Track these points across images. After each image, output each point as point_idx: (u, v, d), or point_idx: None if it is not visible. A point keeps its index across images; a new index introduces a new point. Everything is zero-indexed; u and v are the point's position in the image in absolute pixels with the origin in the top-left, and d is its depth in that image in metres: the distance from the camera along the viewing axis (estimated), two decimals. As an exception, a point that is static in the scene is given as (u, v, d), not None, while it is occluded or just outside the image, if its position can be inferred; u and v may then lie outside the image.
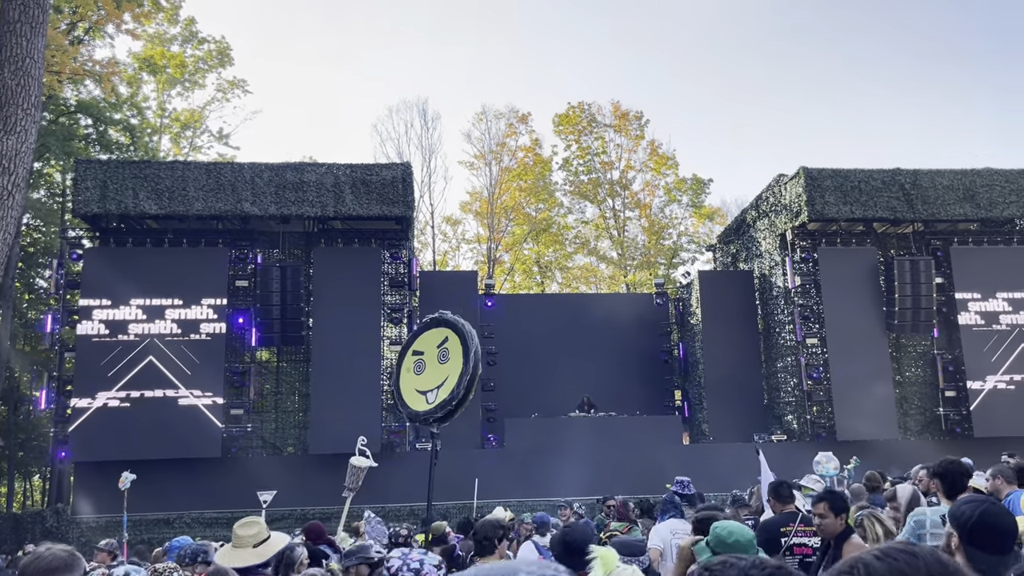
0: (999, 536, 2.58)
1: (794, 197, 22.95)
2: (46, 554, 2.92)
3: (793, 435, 22.59)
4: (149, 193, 20.56)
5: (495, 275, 35.43)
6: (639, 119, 38.39)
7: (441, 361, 2.80)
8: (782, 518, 5.53)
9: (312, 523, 6.57)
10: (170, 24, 32.96)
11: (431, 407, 2.68)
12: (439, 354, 2.81)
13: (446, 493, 19.44)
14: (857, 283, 22.65)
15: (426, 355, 2.79)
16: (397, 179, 21.60)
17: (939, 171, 22.90)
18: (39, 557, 2.91)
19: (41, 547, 3.02)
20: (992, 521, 2.61)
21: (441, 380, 2.73)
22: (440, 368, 2.75)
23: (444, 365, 2.78)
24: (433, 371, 2.77)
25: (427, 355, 2.78)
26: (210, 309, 20.60)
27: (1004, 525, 2.62)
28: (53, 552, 2.93)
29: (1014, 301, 22.54)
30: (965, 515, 2.64)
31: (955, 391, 22.57)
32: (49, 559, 2.88)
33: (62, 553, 2.93)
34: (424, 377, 2.78)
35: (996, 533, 2.59)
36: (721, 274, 27.41)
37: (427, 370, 2.78)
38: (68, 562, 2.89)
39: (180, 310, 20.48)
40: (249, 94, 36.15)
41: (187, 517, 18.56)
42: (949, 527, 2.72)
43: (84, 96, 29.59)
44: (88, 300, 20.24)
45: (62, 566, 2.87)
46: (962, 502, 2.78)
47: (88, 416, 19.60)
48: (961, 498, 3.10)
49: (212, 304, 20.63)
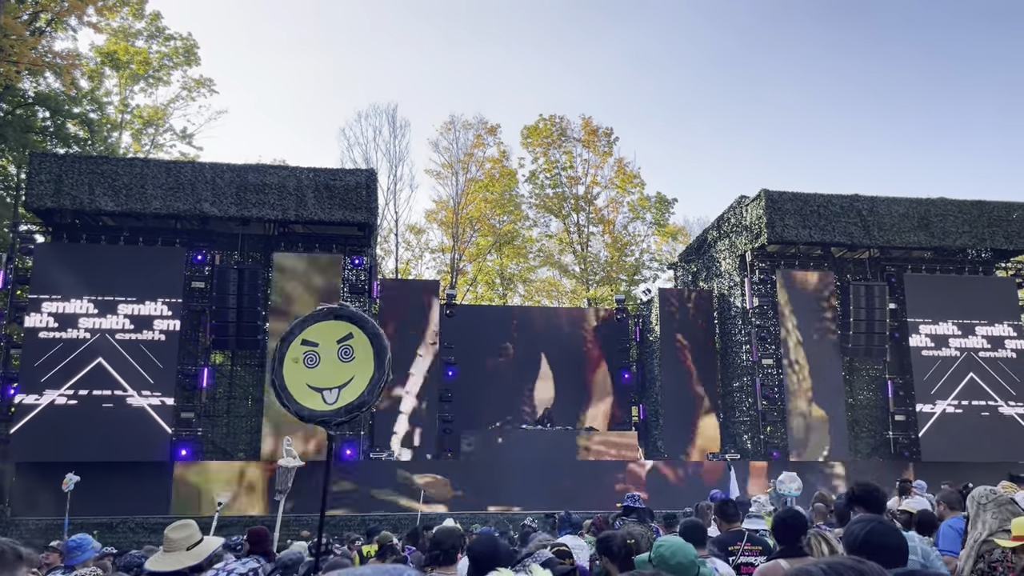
0: (886, 554, 2.62)
1: (755, 219, 23.26)
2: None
3: (747, 454, 22.79)
4: (106, 189, 20.14)
5: (458, 286, 35.33)
6: (608, 135, 38.65)
7: (343, 359, 2.61)
8: (729, 537, 5.53)
9: (257, 528, 6.42)
10: (135, 18, 32.45)
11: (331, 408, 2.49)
12: (340, 350, 2.61)
13: (395, 503, 19.29)
14: (813, 306, 23.02)
15: (321, 348, 2.58)
16: (361, 185, 21.44)
17: (895, 199, 23.40)
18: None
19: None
20: (879, 540, 2.69)
21: (344, 380, 2.55)
22: (342, 366, 2.55)
23: (347, 364, 2.58)
24: (332, 368, 2.57)
25: (323, 348, 2.57)
26: (164, 309, 20.20)
27: (891, 543, 2.70)
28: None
29: (964, 328, 23.03)
30: (853, 533, 2.73)
31: (904, 415, 22.98)
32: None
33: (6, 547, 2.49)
34: (318, 373, 2.57)
35: (884, 551, 2.64)
36: (681, 292, 27.65)
37: (323, 365, 2.58)
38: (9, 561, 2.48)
39: (133, 309, 20.03)
40: (215, 94, 35.69)
41: (131, 522, 18.10)
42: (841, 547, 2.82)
43: (43, 88, 28.97)
44: (37, 296, 19.71)
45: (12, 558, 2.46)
46: (854, 522, 2.87)
47: (32, 415, 19.04)
48: (854, 518, 3.17)
49: (166, 305, 20.23)
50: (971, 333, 23.02)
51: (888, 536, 2.70)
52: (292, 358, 2.66)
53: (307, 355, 2.64)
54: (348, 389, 2.59)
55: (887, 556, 2.64)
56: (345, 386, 2.59)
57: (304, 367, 2.64)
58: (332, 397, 2.59)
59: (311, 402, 2.61)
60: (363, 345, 2.67)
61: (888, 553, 2.64)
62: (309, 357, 2.65)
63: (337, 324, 2.70)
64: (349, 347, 2.64)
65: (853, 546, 2.68)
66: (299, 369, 2.64)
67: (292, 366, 2.64)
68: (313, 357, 2.64)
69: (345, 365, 2.64)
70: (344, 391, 2.59)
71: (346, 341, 2.66)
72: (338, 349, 2.66)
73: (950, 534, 5.52)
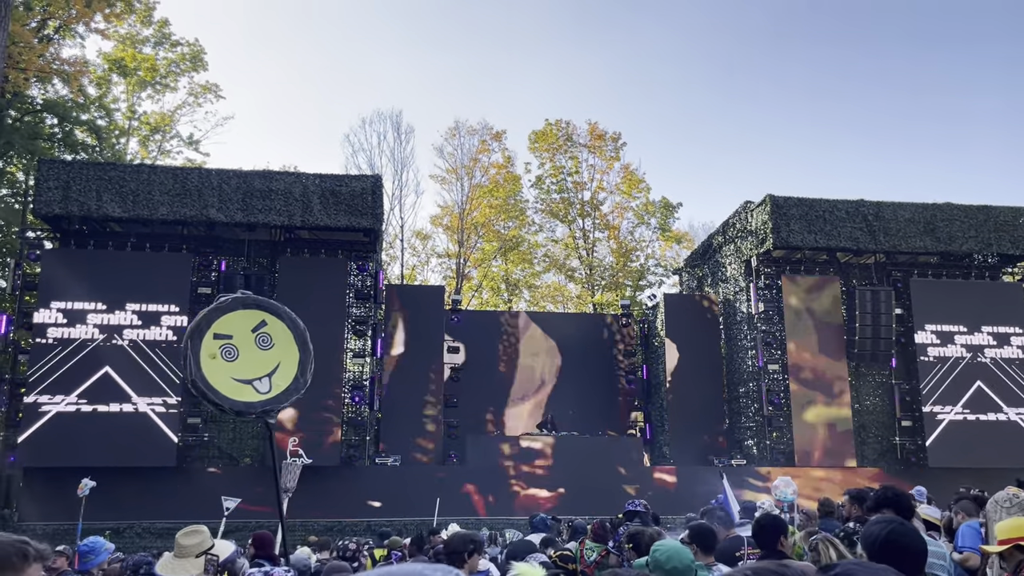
0: (906, 557, 2.60)
1: (760, 224, 23.26)
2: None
3: (753, 460, 22.74)
4: (113, 196, 20.24)
5: (463, 291, 35.36)
6: (616, 140, 38.62)
7: (262, 347, 2.55)
8: (731, 543, 5.54)
9: (261, 532, 6.45)
10: (143, 25, 32.61)
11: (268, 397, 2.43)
12: (257, 339, 2.56)
13: (404, 509, 19.29)
14: (819, 311, 22.98)
15: (236, 339, 2.51)
16: (367, 191, 21.51)
17: (901, 204, 23.36)
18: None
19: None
20: (899, 541, 2.63)
21: (271, 367, 2.50)
22: (264, 354, 2.50)
23: (269, 351, 2.53)
24: (253, 357, 2.51)
25: (238, 340, 2.50)
26: (171, 316, 20.28)
27: (911, 546, 2.64)
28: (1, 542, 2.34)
29: (971, 334, 22.96)
30: (873, 535, 2.67)
31: (911, 421, 22.90)
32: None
33: (12, 547, 2.35)
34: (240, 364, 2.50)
35: (903, 553, 2.61)
36: (686, 298, 27.63)
37: (243, 356, 2.50)
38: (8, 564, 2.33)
39: (140, 316, 20.12)
40: (222, 99, 35.82)
41: (138, 527, 18.15)
42: (859, 548, 2.75)
43: (51, 95, 29.12)
44: (45, 302, 19.81)
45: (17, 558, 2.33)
46: (872, 523, 2.81)
47: (40, 420, 19.12)
48: (872, 519, 3.13)
49: (173, 311, 20.31)
50: (978, 338, 22.95)
51: (908, 537, 2.66)
52: (209, 355, 2.59)
53: (223, 349, 2.58)
54: (278, 375, 2.55)
55: (905, 559, 2.63)
56: (274, 373, 2.56)
57: (224, 361, 2.58)
58: (264, 386, 2.55)
59: (243, 395, 2.56)
60: (280, 330, 2.64)
61: (908, 555, 2.62)
62: (226, 351, 2.59)
63: (246, 313, 2.65)
64: (266, 335, 2.60)
65: (873, 547, 2.64)
66: (219, 364, 2.58)
67: (211, 363, 2.58)
68: (230, 350, 2.59)
69: (266, 353, 2.60)
70: (275, 378, 2.55)
71: (261, 329, 2.62)
72: (255, 338, 2.61)
73: (969, 533, 5.60)
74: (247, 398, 2.49)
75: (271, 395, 2.49)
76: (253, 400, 2.49)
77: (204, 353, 2.54)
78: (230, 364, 2.52)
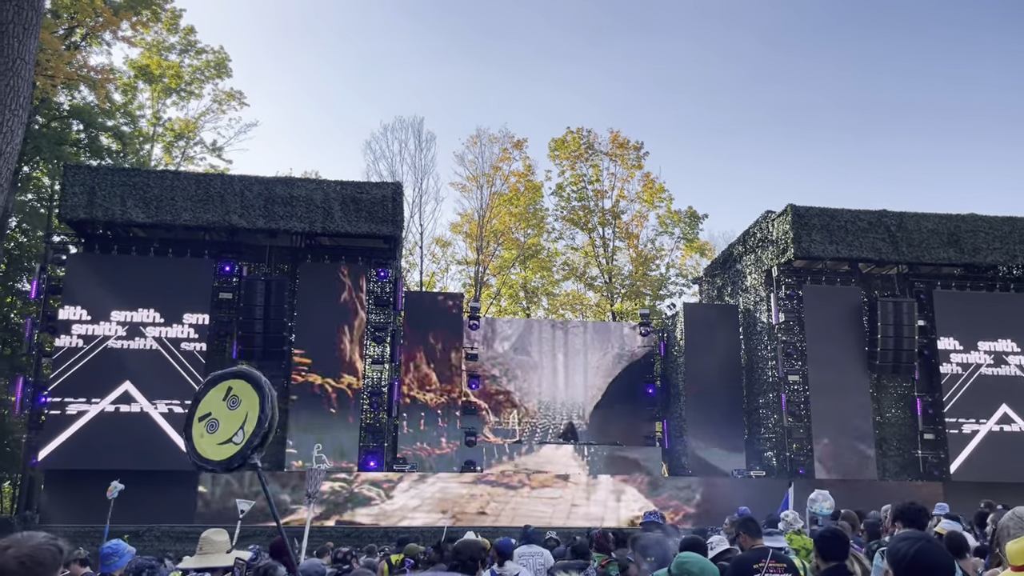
0: (935, 574, 2.55)
1: (781, 234, 23.11)
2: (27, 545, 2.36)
3: (772, 471, 22.55)
4: (137, 201, 20.46)
5: (481, 299, 35.37)
6: (638, 149, 38.51)
7: (232, 408, 2.83)
8: (753, 554, 5.48)
9: (278, 539, 6.48)
10: (169, 33, 32.98)
11: (243, 444, 2.71)
12: (228, 404, 2.85)
13: (422, 516, 19.28)
14: (840, 322, 22.77)
15: (214, 413, 2.85)
16: (387, 198, 21.61)
17: (924, 215, 23.15)
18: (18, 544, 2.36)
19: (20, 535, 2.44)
20: (928, 559, 2.58)
21: (242, 420, 2.78)
22: (234, 413, 2.79)
23: (238, 409, 2.81)
24: (228, 419, 2.81)
25: (216, 413, 2.84)
26: (192, 320, 20.44)
27: (939, 563, 2.59)
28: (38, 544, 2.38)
29: (994, 347, 22.68)
30: (900, 552, 2.61)
31: (934, 434, 22.63)
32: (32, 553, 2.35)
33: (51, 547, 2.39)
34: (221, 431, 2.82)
35: (931, 571, 2.57)
36: (706, 307, 27.48)
37: (222, 424, 2.82)
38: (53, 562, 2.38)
39: (162, 320, 20.30)
40: (246, 106, 36.17)
41: (157, 531, 18.26)
42: (886, 565, 2.68)
43: (78, 101, 29.51)
44: (69, 306, 20.03)
45: (52, 563, 2.38)
46: (898, 539, 2.74)
47: (62, 423, 19.32)
48: (899, 535, 3.07)
49: (194, 315, 20.47)
50: (1002, 350, 22.67)
51: (936, 555, 2.62)
52: (198, 435, 2.89)
53: (208, 426, 2.87)
54: (247, 423, 2.79)
55: (936, 575, 2.60)
56: (245, 423, 2.80)
57: (209, 435, 2.86)
58: (239, 437, 2.79)
59: (227, 453, 2.82)
60: (242, 387, 2.88)
61: (933, 573, 2.59)
62: (209, 426, 2.87)
63: (217, 389, 2.93)
64: (235, 397, 2.87)
65: (900, 564, 2.59)
66: (206, 439, 2.87)
67: (199, 440, 2.88)
68: (212, 424, 2.87)
69: (236, 411, 2.85)
70: (246, 426, 2.79)
71: (229, 395, 2.88)
72: (226, 404, 2.88)
73: None
74: (230, 453, 2.75)
75: (245, 441, 2.74)
76: (234, 453, 2.75)
77: (195, 436, 2.84)
78: (214, 435, 2.81)
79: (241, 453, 2.72)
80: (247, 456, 2.72)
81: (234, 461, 2.73)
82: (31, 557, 2.36)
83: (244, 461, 2.74)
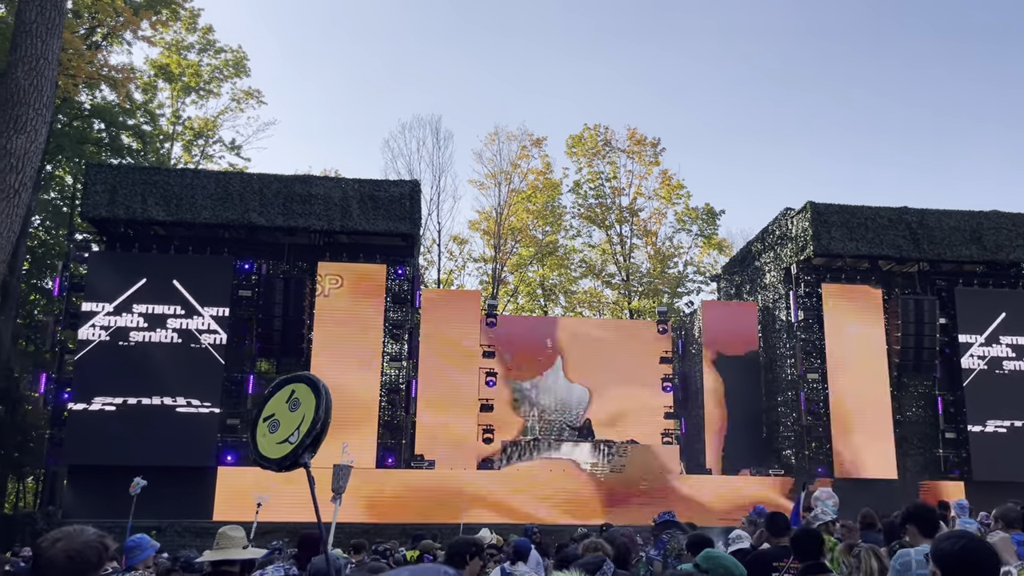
0: (979, 572, 2.54)
1: (800, 231, 22.96)
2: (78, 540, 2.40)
3: (791, 470, 22.41)
4: (157, 199, 20.64)
5: (499, 296, 35.38)
6: (655, 146, 38.36)
7: (292, 409, 3.00)
8: (776, 551, 5.47)
9: (309, 532, 6.53)
10: (188, 32, 33.23)
11: (297, 444, 2.88)
12: (289, 406, 3.02)
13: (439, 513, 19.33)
14: (860, 320, 22.58)
15: (277, 414, 3.03)
16: (405, 196, 21.67)
17: (946, 211, 22.91)
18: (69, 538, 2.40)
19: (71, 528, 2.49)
20: (973, 557, 2.57)
21: (299, 422, 2.95)
22: (294, 415, 2.97)
23: (297, 411, 2.98)
24: (288, 420, 2.98)
25: (278, 414, 3.02)
26: (212, 318, 20.59)
27: (985, 561, 2.58)
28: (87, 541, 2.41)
29: (1017, 345, 22.43)
30: (945, 551, 2.60)
31: (955, 433, 22.40)
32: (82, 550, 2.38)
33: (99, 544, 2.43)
34: (281, 430, 3.00)
35: (976, 570, 2.55)
36: (724, 305, 27.34)
37: (282, 424, 3.00)
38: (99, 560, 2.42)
39: (182, 317, 20.46)
40: (264, 105, 36.38)
41: (178, 526, 18.41)
42: (932, 565, 2.67)
43: (99, 101, 29.80)
44: (91, 303, 20.23)
45: (97, 561, 2.42)
46: (942, 538, 2.73)
47: (84, 419, 19.53)
48: (942, 534, 3.05)
49: (214, 313, 20.62)
50: (1025, 349, 22.41)
51: (981, 553, 2.61)
52: (261, 434, 3.06)
53: (270, 426, 3.04)
54: (303, 424, 2.95)
55: (978, 574, 2.58)
56: (301, 424, 2.96)
57: (269, 435, 3.04)
58: (295, 437, 2.96)
59: (283, 451, 2.98)
60: (303, 391, 3.05)
61: (979, 571, 2.57)
62: (271, 425, 3.04)
63: (283, 392, 3.10)
64: (296, 400, 3.05)
65: (945, 564, 2.58)
66: (267, 439, 3.05)
67: (262, 439, 3.05)
68: (274, 424, 3.04)
69: (295, 413, 3.02)
70: (301, 427, 2.96)
71: (291, 397, 3.06)
72: (288, 407, 3.05)
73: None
74: (285, 452, 2.92)
75: (298, 441, 2.90)
76: (287, 452, 2.91)
77: (259, 435, 3.02)
78: (274, 435, 2.98)
79: (294, 452, 2.88)
80: (299, 456, 2.87)
81: (287, 460, 2.89)
82: (80, 553, 2.39)
83: (296, 460, 2.89)
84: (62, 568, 2.36)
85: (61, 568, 2.36)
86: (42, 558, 2.39)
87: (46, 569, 2.36)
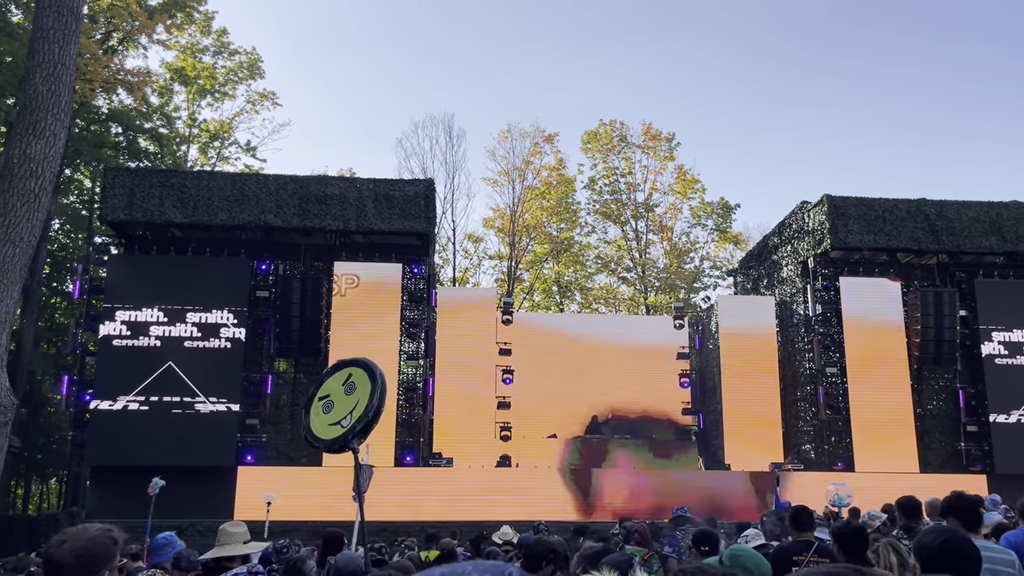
0: (960, 566, 2.56)
1: (817, 224, 22.80)
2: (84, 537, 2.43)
3: (810, 465, 22.28)
4: (175, 202, 20.80)
5: (514, 293, 35.38)
6: (670, 140, 38.22)
7: (348, 393, 3.02)
8: (796, 545, 5.44)
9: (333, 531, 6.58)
10: (202, 35, 33.45)
11: (348, 428, 2.90)
12: (345, 389, 3.04)
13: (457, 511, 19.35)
14: (879, 313, 22.39)
15: (332, 395, 3.06)
16: (419, 195, 21.72)
17: (965, 203, 22.68)
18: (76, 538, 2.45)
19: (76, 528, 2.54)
20: (953, 552, 2.60)
21: (353, 406, 2.96)
22: (349, 398, 2.99)
23: (352, 395, 3.00)
24: (342, 403, 3.01)
25: (334, 395, 3.05)
26: (230, 318, 20.73)
27: (965, 555, 2.62)
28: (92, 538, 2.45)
29: (1040, 336, 22.16)
30: (926, 545, 2.65)
31: (977, 426, 22.17)
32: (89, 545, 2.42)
33: (105, 539, 2.47)
34: (334, 412, 3.02)
35: (955, 564, 2.58)
36: (742, 300, 27.19)
37: (336, 406, 3.02)
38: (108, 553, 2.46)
39: (201, 318, 20.61)
40: (278, 106, 36.56)
41: (199, 526, 18.55)
42: (913, 559, 2.72)
43: (116, 104, 30.05)
44: (111, 306, 20.43)
45: (106, 555, 2.46)
46: (924, 533, 2.78)
47: (106, 420, 19.72)
48: (925, 529, 3.10)
49: (232, 313, 20.76)
50: (1047, 341, 22.16)
51: (961, 548, 2.64)
52: (315, 412, 3.10)
53: (324, 406, 3.08)
54: (357, 409, 2.97)
55: (959, 568, 2.61)
56: (355, 409, 2.99)
57: (323, 414, 3.07)
58: (347, 421, 2.99)
59: (335, 433, 3.00)
60: (360, 376, 3.07)
61: (960, 564, 2.60)
62: (326, 406, 3.08)
63: (340, 374, 3.13)
64: (352, 383, 3.09)
65: (926, 556, 2.62)
66: (320, 418, 3.09)
67: (315, 418, 3.09)
68: (328, 405, 3.08)
69: (350, 396, 3.04)
70: (354, 412, 2.98)
71: (348, 380, 3.08)
72: (343, 389, 3.07)
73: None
74: (335, 434, 2.96)
75: (349, 426, 2.93)
76: (337, 435, 2.95)
77: (312, 414, 3.08)
78: (328, 416, 3.04)
79: (344, 436, 2.92)
80: (348, 440, 2.90)
81: (336, 443, 2.93)
82: (87, 550, 2.44)
83: (345, 444, 2.92)
84: (72, 568, 2.41)
85: (71, 568, 2.41)
86: (51, 562, 2.44)
87: (57, 572, 2.41)
